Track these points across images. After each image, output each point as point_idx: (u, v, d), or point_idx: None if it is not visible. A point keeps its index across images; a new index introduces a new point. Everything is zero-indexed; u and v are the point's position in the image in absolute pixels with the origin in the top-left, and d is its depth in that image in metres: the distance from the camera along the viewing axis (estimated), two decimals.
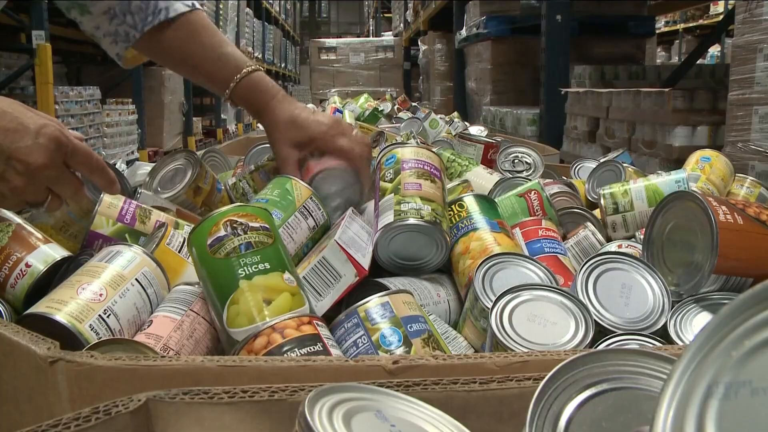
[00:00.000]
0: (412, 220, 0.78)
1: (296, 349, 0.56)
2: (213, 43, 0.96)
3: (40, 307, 0.63)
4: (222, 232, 0.65)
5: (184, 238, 0.79)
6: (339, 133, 0.92)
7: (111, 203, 0.84)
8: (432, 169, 0.86)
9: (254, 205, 0.72)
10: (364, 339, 0.60)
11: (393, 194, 0.82)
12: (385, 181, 0.85)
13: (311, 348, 0.56)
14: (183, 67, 1.00)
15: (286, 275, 0.65)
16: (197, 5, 0.98)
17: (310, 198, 0.86)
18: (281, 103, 0.95)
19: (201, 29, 0.96)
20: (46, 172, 0.64)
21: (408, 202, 0.80)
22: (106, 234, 0.82)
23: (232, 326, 0.62)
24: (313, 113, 0.95)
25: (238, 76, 0.94)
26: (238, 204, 0.71)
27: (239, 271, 0.63)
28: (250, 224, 0.66)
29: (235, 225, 0.66)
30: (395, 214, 0.79)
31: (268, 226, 0.68)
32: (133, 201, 0.86)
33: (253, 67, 0.96)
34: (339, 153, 0.91)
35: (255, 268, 0.64)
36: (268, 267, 0.64)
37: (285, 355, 0.55)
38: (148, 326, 0.65)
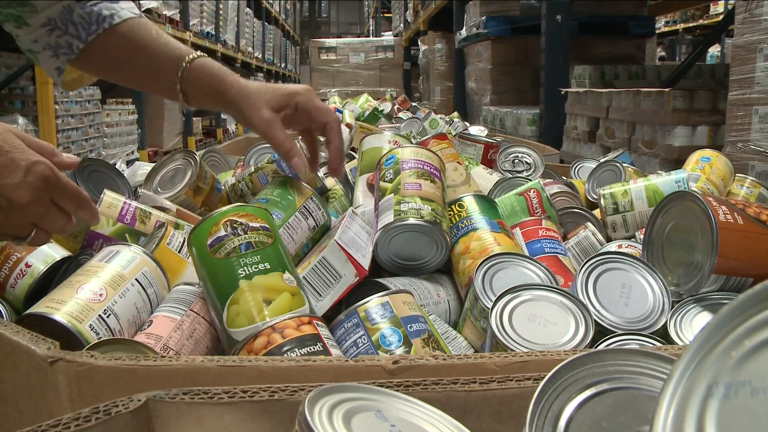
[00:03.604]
0: (411, 220, 0.78)
1: (296, 349, 0.56)
2: (156, 39, 0.90)
3: (40, 307, 0.63)
4: (222, 232, 0.65)
5: (184, 238, 0.79)
6: (313, 94, 0.89)
7: (111, 203, 0.84)
8: (432, 169, 0.86)
9: (254, 205, 0.72)
10: (364, 339, 0.60)
11: (393, 194, 0.82)
12: (384, 181, 0.85)
13: (311, 348, 0.56)
14: (129, 74, 0.93)
15: (286, 275, 0.65)
16: (142, 14, 0.92)
17: (311, 198, 0.86)
18: (241, 79, 0.89)
19: (146, 31, 0.90)
20: (31, 209, 0.63)
21: (408, 202, 0.80)
22: (106, 234, 0.82)
23: (232, 326, 0.62)
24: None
25: (189, 57, 0.87)
26: (239, 204, 0.71)
27: (239, 271, 0.63)
28: (251, 224, 0.66)
29: (235, 225, 0.66)
30: (395, 214, 0.79)
31: (268, 226, 0.68)
32: (133, 201, 0.86)
33: (200, 53, 0.90)
34: (318, 111, 0.88)
35: (255, 268, 0.64)
36: (268, 267, 0.64)
37: (285, 355, 0.55)
38: (148, 326, 0.65)
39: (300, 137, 0.94)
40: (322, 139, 0.92)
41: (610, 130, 2.90)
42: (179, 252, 0.79)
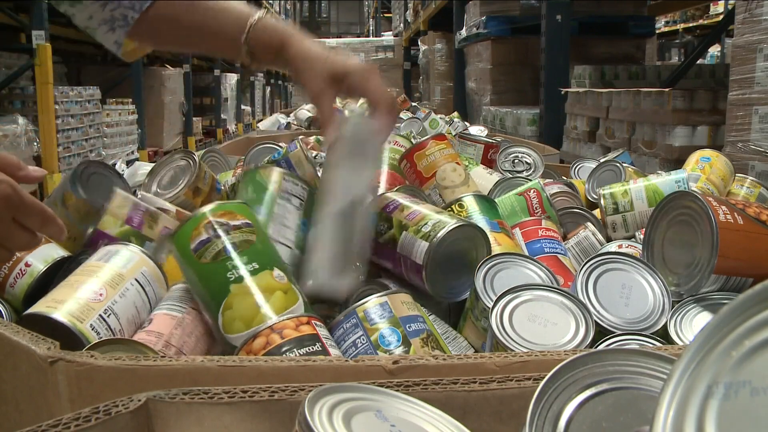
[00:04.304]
0: (444, 231, 0.74)
1: (295, 349, 0.56)
2: (214, 2, 0.89)
3: (39, 307, 0.63)
4: (204, 235, 0.64)
5: None
6: (374, 73, 0.86)
7: (121, 204, 0.83)
8: (412, 198, 0.85)
9: (233, 202, 0.70)
10: (363, 339, 0.60)
11: (404, 231, 0.77)
12: (382, 235, 0.80)
13: (310, 348, 0.56)
14: (189, 40, 0.94)
15: (276, 272, 0.64)
16: None
17: (284, 178, 0.83)
18: (306, 38, 0.87)
19: None
20: None
21: (426, 224, 0.76)
22: (112, 235, 0.81)
23: (229, 332, 0.61)
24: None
25: (253, 19, 0.87)
26: (218, 202, 0.69)
27: (228, 275, 0.62)
28: (232, 223, 0.65)
29: (216, 226, 0.64)
30: (425, 237, 0.75)
31: (250, 221, 0.67)
32: (142, 203, 0.86)
33: (263, 13, 0.90)
34: (372, 94, 0.85)
35: (244, 269, 0.63)
36: (257, 267, 0.63)
37: (284, 355, 0.55)
38: (149, 324, 0.65)
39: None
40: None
41: (610, 130, 2.90)
42: None
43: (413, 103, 3.22)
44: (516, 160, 1.35)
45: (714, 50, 9.36)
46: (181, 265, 0.66)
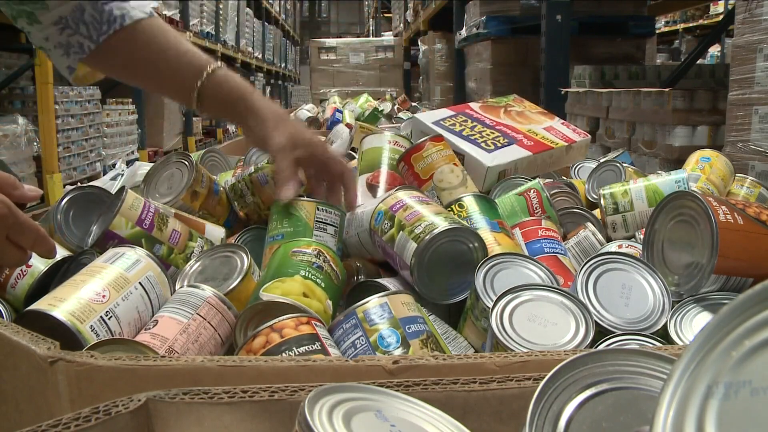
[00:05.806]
0: (435, 231, 0.74)
1: (294, 348, 0.56)
2: (174, 43, 0.90)
3: (41, 304, 0.63)
4: (308, 252, 0.73)
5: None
6: (327, 148, 0.93)
7: (132, 204, 0.82)
8: (421, 197, 0.85)
9: (341, 262, 0.77)
10: (362, 340, 0.60)
11: (400, 232, 0.78)
12: (386, 233, 0.81)
13: (309, 347, 0.56)
14: (142, 76, 0.94)
15: (329, 302, 0.68)
16: (154, 13, 0.92)
17: (317, 209, 0.85)
18: (263, 98, 0.91)
19: (159, 33, 0.90)
20: None
21: (419, 225, 0.77)
22: (123, 236, 0.80)
23: (265, 291, 0.67)
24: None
25: (208, 69, 0.89)
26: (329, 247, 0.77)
27: (302, 272, 0.69)
28: (331, 262, 0.73)
29: (320, 254, 0.73)
30: (414, 239, 0.75)
31: (341, 276, 0.74)
32: (152, 204, 0.85)
33: (220, 63, 0.92)
34: (332, 165, 0.91)
35: (314, 276, 0.69)
36: (323, 285, 0.69)
37: (283, 354, 0.55)
38: (154, 326, 0.65)
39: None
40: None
41: (610, 130, 2.90)
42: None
43: (413, 103, 3.22)
44: None
45: (714, 50, 9.36)
46: (274, 255, 0.76)
